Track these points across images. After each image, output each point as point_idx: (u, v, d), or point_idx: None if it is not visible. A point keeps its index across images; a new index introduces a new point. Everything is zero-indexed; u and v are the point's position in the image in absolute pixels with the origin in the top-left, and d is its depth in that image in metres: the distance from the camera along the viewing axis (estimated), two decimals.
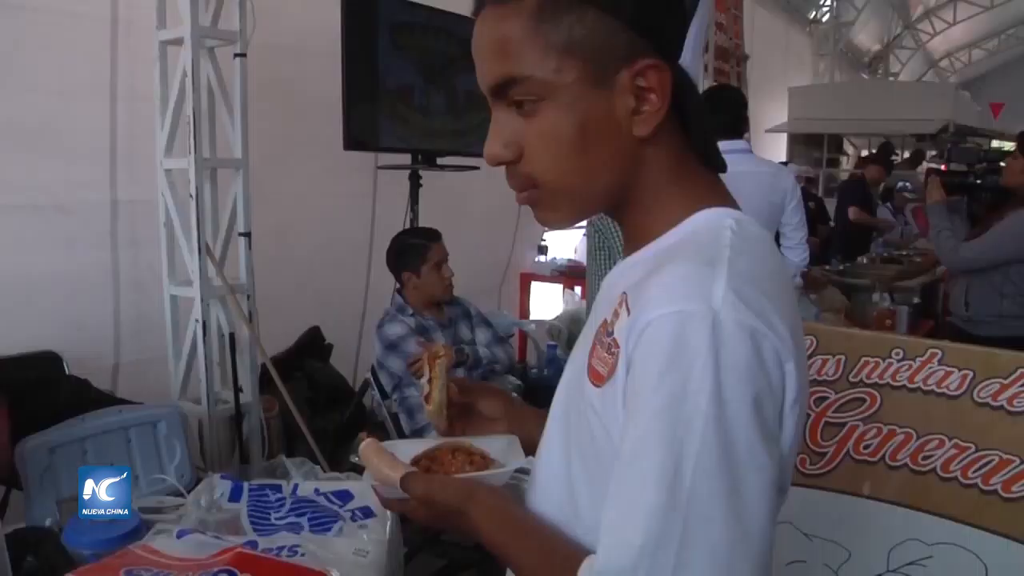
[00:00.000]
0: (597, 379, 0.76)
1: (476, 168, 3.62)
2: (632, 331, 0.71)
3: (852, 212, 6.47)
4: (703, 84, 7.18)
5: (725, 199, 0.84)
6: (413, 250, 3.09)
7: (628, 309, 0.74)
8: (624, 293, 0.76)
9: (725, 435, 0.65)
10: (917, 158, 10.01)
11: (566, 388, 0.86)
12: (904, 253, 6.15)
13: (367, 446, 0.93)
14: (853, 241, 6.39)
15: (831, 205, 7.24)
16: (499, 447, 1.01)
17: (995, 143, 11.20)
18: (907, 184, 7.08)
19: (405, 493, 0.88)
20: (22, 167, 2.89)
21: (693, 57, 0.73)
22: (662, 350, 0.68)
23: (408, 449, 1.01)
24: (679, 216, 0.80)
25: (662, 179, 0.81)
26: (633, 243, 0.84)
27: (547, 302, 5.70)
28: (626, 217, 0.85)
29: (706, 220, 0.79)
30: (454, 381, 1.05)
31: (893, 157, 8.15)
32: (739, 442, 0.66)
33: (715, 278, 0.70)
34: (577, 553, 0.75)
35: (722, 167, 0.86)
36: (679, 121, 0.81)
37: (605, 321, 0.78)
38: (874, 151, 9.44)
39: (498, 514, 0.85)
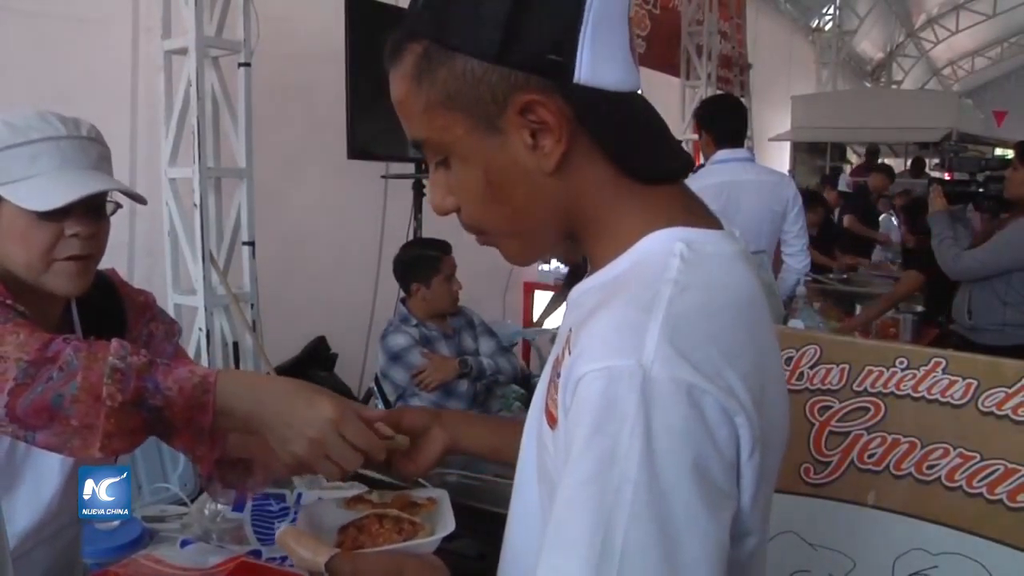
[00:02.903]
0: (551, 420, 0.72)
1: None
2: (569, 381, 0.67)
3: (847, 220, 6.49)
4: (705, 91, 7.20)
5: (683, 214, 0.76)
6: (426, 262, 3.07)
7: (570, 350, 0.70)
8: (570, 330, 0.73)
9: (659, 503, 0.60)
10: (919, 167, 10.02)
11: (535, 415, 0.81)
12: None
13: (284, 533, 0.89)
14: (855, 250, 6.40)
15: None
16: (428, 509, 1.01)
17: (998, 151, 11.19)
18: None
19: None
20: None
21: (622, 63, 0.65)
22: (591, 411, 0.63)
23: (335, 515, 1.00)
24: (629, 239, 0.74)
25: (602, 206, 0.75)
26: (593, 268, 0.79)
27: None
28: (583, 246, 0.80)
29: (653, 246, 0.73)
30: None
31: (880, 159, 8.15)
32: (676, 510, 0.60)
33: (648, 327, 0.64)
34: None
35: (675, 175, 0.78)
36: (600, 143, 0.74)
37: (558, 358, 0.75)
38: (882, 160, 9.46)
39: None
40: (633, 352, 0.63)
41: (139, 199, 1.27)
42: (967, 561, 1.42)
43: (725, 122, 3.40)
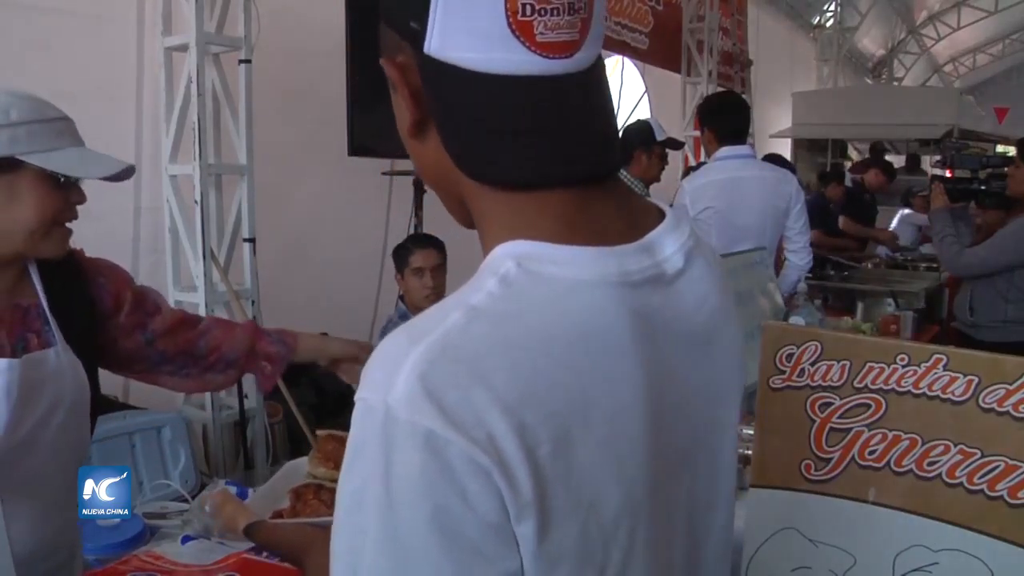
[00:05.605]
0: None
1: None
2: None
3: (842, 222, 6.44)
4: (706, 88, 7.19)
5: (546, 223, 0.65)
6: (399, 253, 3.06)
7: None
8: None
9: (397, 553, 0.57)
10: (914, 162, 10.01)
11: None
12: (908, 258, 6.13)
13: (214, 496, 0.93)
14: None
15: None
16: None
17: (1000, 148, 11.18)
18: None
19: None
20: None
21: (487, 39, 0.59)
22: (350, 442, 0.60)
23: (298, 478, 1.02)
24: (490, 246, 0.67)
25: (470, 194, 0.69)
26: None
27: None
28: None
29: (491, 261, 0.65)
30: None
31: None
32: (416, 562, 0.57)
33: (406, 361, 0.57)
34: None
35: (546, 181, 0.65)
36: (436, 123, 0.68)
37: None
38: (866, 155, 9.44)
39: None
40: (384, 387, 0.57)
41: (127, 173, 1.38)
42: (967, 557, 1.42)
43: (728, 120, 3.40)
